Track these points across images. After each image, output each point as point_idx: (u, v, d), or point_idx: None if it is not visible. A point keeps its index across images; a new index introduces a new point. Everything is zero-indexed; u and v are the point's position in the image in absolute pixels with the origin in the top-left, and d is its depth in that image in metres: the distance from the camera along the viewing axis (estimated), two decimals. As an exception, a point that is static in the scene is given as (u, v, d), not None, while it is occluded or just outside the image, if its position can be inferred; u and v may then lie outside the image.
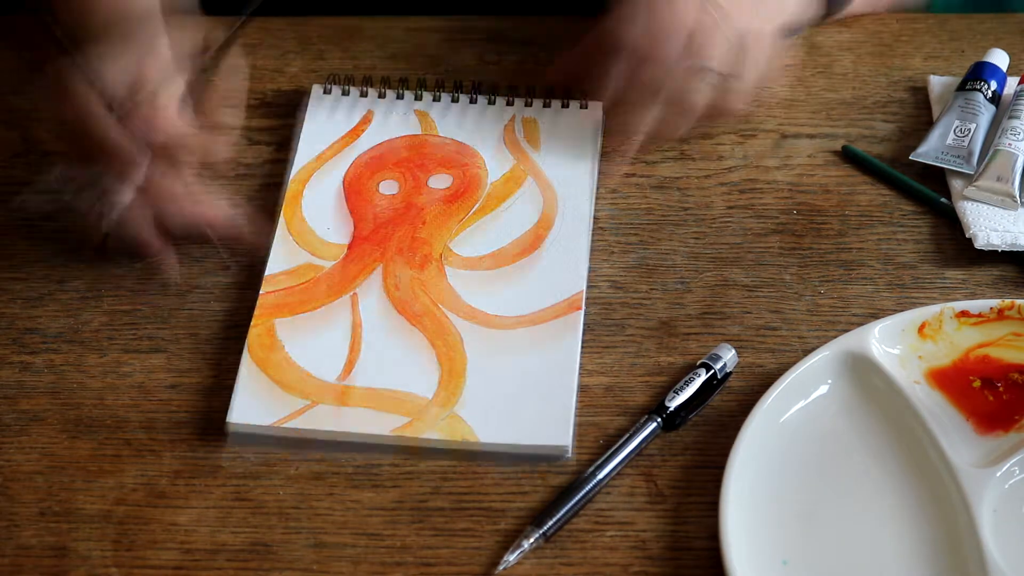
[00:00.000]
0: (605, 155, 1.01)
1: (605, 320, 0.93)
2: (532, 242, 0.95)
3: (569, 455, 0.84)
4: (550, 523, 0.81)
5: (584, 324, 0.92)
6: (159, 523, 0.82)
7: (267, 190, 1.00)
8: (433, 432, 0.84)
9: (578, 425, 0.86)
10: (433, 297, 0.91)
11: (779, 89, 1.08)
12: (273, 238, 0.95)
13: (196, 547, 0.81)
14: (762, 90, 1.08)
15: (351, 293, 0.92)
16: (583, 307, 0.91)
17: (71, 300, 0.93)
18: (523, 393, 0.86)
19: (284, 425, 0.85)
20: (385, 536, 0.82)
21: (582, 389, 0.88)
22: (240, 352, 0.89)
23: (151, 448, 0.86)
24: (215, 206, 0.94)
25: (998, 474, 0.83)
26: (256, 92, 1.08)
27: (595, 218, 0.98)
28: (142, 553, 0.81)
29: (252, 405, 0.86)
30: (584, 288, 0.92)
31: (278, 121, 1.05)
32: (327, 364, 0.88)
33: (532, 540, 0.80)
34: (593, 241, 0.97)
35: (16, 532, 0.82)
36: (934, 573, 0.80)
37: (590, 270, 0.95)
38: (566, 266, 0.94)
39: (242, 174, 1.01)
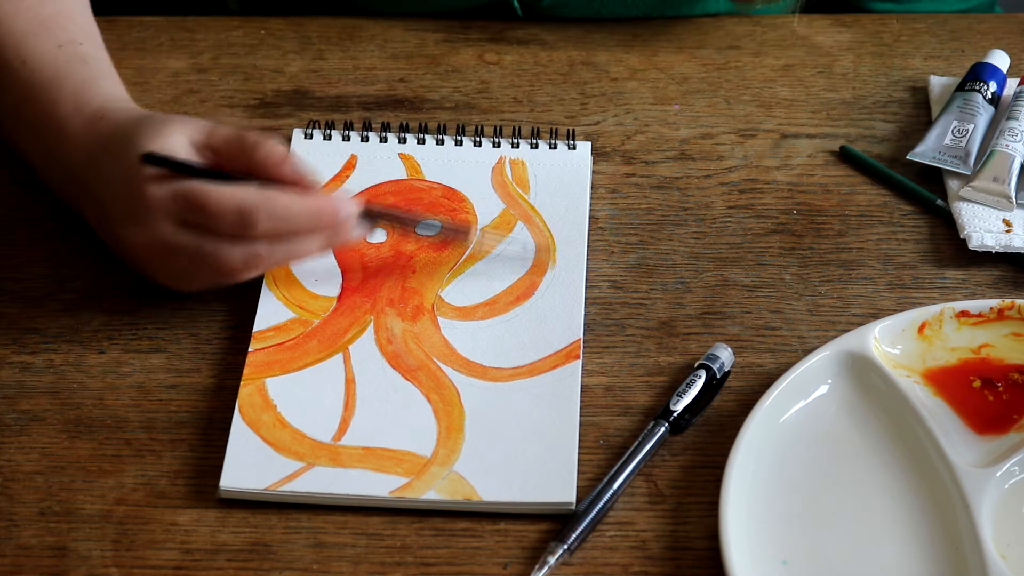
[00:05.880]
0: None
1: (605, 320, 0.93)
2: (526, 289, 0.93)
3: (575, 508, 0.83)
4: (572, 537, 0.81)
5: (584, 325, 0.91)
6: (159, 523, 0.82)
7: (267, 190, 1.00)
8: (433, 492, 0.82)
9: (579, 427, 0.86)
10: (427, 350, 0.89)
11: (779, 89, 1.09)
12: (260, 293, 0.92)
13: (196, 547, 0.81)
14: (762, 88, 1.08)
15: (343, 349, 0.90)
16: (581, 356, 0.89)
17: (71, 300, 0.93)
18: (524, 448, 0.85)
19: (279, 489, 0.83)
20: (385, 536, 0.82)
21: (583, 389, 0.88)
22: (241, 352, 0.89)
23: (151, 448, 0.86)
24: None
25: (998, 474, 0.83)
26: (256, 92, 1.08)
27: (595, 218, 0.98)
28: (142, 553, 0.81)
29: (244, 469, 0.83)
30: (582, 336, 0.90)
31: (278, 121, 1.05)
32: (321, 423, 0.86)
33: (557, 555, 0.80)
34: (593, 241, 0.97)
35: (16, 532, 0.82)
36: (934, 573, 0.80)
37: (590, 270, 0.95)
38: (562, 313, 0.92)
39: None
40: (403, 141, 1.02)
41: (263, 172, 0.87)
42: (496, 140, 1.03)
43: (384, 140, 1.02)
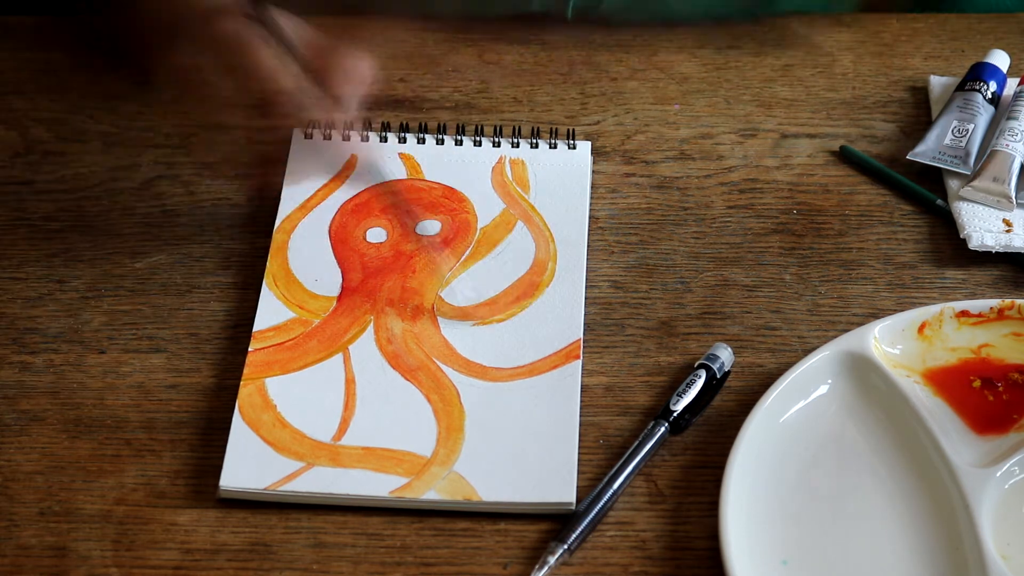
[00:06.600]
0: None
1: (605, 320, 0.93)
2: (526, 289, 0.93)
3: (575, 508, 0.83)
4: (573, 537, 0.81)
5: (584, 325, 0.91)
6: (159, 523, 0.82)
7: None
8: (433, 492, 0.82)
9: (579, 427, 0.86)
10: (427, 350, 0.89)
11: (779, 89, 1.09)
12: (260, 292, 0.92)
13: (196, 547, 0.81)
14: (762, 88, 1.08)
15: (343, 349, 0.90)
16: (581, 356, 0.89)
17: (71, 300, 0.93)
18: (524, 448, 0.84)
19: (279, 489, 0.83)
20: (385, 536, 0.82)
21: (583, 389, 0.88)
22: (240, 352, 0.89)
23: (151, 448, 0.86)
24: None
25: (998, 474, 0.83)
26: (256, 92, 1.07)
27: (595, 218, 0.98)
28: (142, 553, 0.81)
29: (244, 468, 0.83)
30: (582, 336, 0.90)
31: (278, 121, 1.05)
32: (321, 423, 0.86)
33: (557, 556, 0.80)
34: (593, 241, 0.97)
35: (16, 532, 0.82)
36: (934, 573, 0.80)
37: (590, 270, 0.95)
38: (562, 313, 0.91)
39: (243, 173, 1.01)
40: (403, 141, 1.02)
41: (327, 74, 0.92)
42: (496, 140, 1.03)
43: (384, 140, 1.02)
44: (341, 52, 0.92)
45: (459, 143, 1.02)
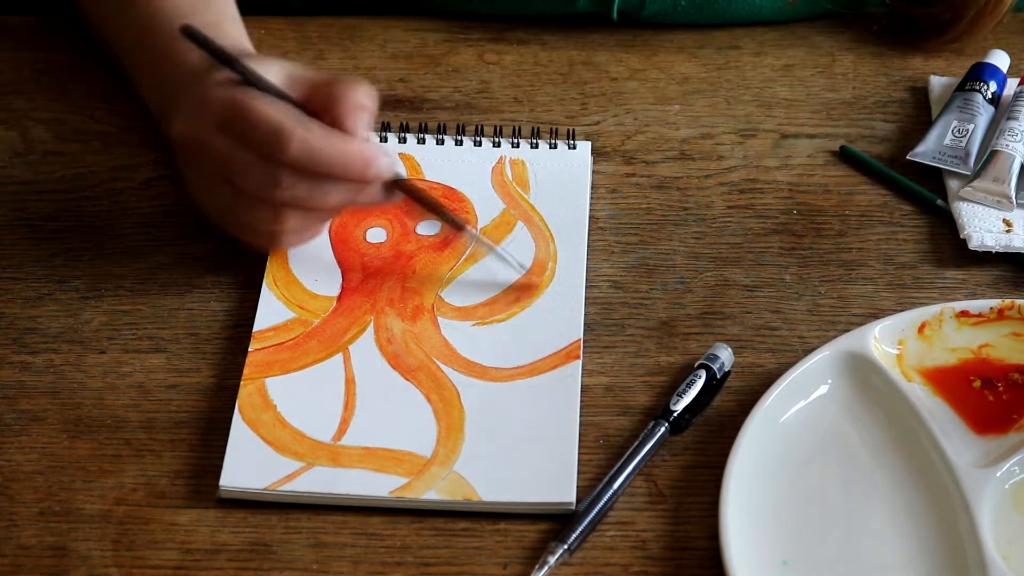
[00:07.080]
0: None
1: (605, 320, 0.93)
2: (526, 289, 0.93)
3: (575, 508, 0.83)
4: (573, 537, 0.81)
5: (584, 325, 0.91)
6: (159, 523, 0.82)
7: (267, 190, 1.00)
8: (433, 492, 0.82)
9: (579, 427, 0.86)
10: (427, 350, 0.89)
11: (779, 89, 1.09)
12: (260, 292, 0.92)
13: (196, 547, 0.81)
14: (762, 88, 1.08)
15: (343, 349, 0.90)
16: (581, 356, 0.89)
17: (71, 300, 0.93)
18: (524, 448, 0.84)
19: (279, 489, 0.83)
20: (385, 536, 0.82)
21: (583, 389, 0.88)
22: (241, 352, 0.89)
23: (151, 448, 0.86)
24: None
25: (998, 474, 0.83)
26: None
27: (595, 218, 0.98)
28: (142, 553, 0.81)
29: (244, 468, 0.83)
30: (582, 336, 0.90)
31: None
32: (321, 423, 0.86)
33: (557, 556, 0.80)
34: (593, 241, 0.97)
35: (16, 532, 0.82)
36: (934, 573, 0.80)
37: (590, 270, 0.95)
38: (562, 313, 0.91)
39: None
40: (403, 141, 1.02)
41: (330, 110, 0.88)
42: (496, 140, 1.03)
43: (384, 140, 1.02)
44: (335, 83, 0.89)
45: (459, 143, 1.02)
